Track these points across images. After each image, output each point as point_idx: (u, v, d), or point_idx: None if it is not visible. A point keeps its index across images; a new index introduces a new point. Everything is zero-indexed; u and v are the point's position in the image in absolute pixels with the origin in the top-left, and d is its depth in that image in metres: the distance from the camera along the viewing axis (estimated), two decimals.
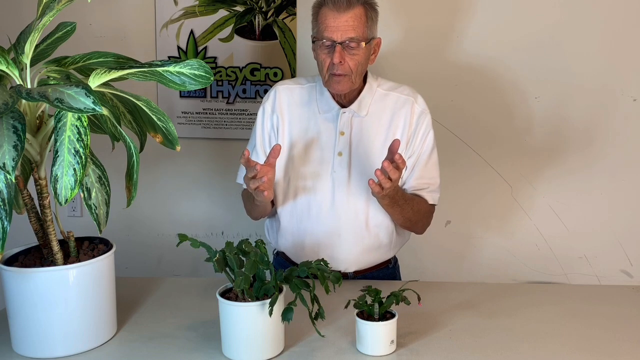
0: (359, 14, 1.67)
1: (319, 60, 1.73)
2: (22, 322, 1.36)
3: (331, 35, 1.67)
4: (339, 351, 1.39)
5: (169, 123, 1.43)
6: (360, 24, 1.68)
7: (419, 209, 1.81)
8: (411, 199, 1.78)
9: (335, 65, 1.67)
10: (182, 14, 2.44)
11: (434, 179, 1.83)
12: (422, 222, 1.86)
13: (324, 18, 1.68)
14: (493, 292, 1.75)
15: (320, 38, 1.69)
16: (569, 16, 2.33)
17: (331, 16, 1.67)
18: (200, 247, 1.38)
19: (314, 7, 1.75)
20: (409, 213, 1.78)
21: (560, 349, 1.41)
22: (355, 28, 1.67)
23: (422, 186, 1.82)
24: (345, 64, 1.68)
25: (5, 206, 1.16)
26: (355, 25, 1.67)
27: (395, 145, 1.58)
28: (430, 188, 1.82)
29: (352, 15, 1.66)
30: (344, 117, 1.78)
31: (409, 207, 1.77)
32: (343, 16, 1.66)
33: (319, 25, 1.70)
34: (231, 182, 1.97)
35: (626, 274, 2.48)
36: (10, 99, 1.15)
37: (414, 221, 1.83)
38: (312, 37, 1.76)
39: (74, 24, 1.52)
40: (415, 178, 1.81)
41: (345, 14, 1.66)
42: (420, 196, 1.82)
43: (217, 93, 2.49)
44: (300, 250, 1.83)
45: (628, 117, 2.38)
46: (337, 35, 1.66)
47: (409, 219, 1.80)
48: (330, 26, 1.67)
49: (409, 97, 1.80)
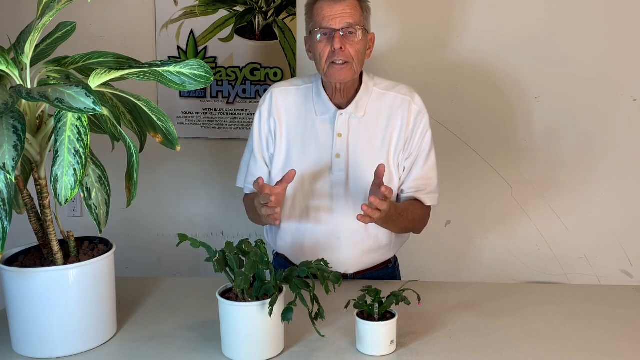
0: (354, 4, 1.71)
1: (317, 53, 1.72)
2: (22, 322, 1.35)
3: (329, 24, 1.68)
4: (339, 351, 1.39)
5: (169, 123, 1.43)
6: (357, 12, 1.71)
7: (414, 217, 1.80)
8: (405, 210, 1.76)
9: (337, 52, 1.67)
10: (182, 14, 2.44)
11: (432, 179, 1.82)
12: (419, 226, 1.86)
13: (320, 10, 1.70)
14: (493, 292, 1.75)
15: (318, 28, 1.70)
16: (569, 16, 2.33)
17: (327, 6, 1.69)
18: (200, 247, 1.38)
19: (307, 4, 1.77)
20: (404, 223, 1.78)
21: (560, 349, 1.41)
22: (352, 15, 1.69)
23: (420, 187, 1.80)
24: (347, 51, 1.69)
25: (5, 206, 1.16)
26: (352, 12, 1.69)
27: (381, 171, 1.57)
28: (428, 189, 1.81)
29: (347, 4, 1.69)
30: (341, 119, 1.77)
31: (404, 219, 1.76)
32: (339, 5, 1.69)
33: (315, 18, 1.72)
34: (231, 182, 1.98)
35: (626, 274, 2.48)
36: (10, 99, 1.15)
37: (410, 228, 1.84)
38: (307, 33, 1.76)
39: (74, 24, 1.52)
40: (412, 179, 1.80)
41: (342, 3, 1.69)
42: (416, 199, 1.81)
43: (217, 93, 2.49)
44: (300, 252, 1.83)
45: (628, 117, 2.38)
46: (335, 22, 1.68)
47: (404, 228, 1.82)
48: (328, 15, 1.69)
49: (406, 96, 1.80)
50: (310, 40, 1.76)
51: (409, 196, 1.81)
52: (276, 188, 1.62)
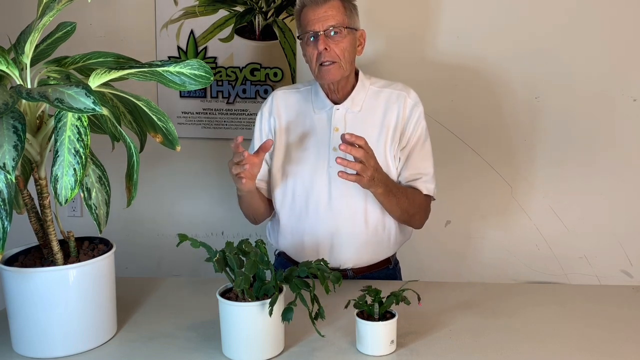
0: (336, 5, 1.76)
1: (307, 57, 1.79)
2: (22, 322, 1.36)
3: (313, 28, 1.74)
4: (339, 351, 1.39)
5: (169, 123, 1.43)
6: (339, 12, 1.75)
7: (414, 199, 1.81)
8: (405, 189, 1.80)
9: (322, 53, 1.73)
10: (182, 14, 2.44)
11: (427, 169, 1.84)
12: (420, 214, 1.86)
13: (305, 15, 1.77)
14: (493, 292, 1.75)
15: (304, 32, 1.76)
16: (568, 16, 2.33)
17: (311, 11, 1.75)
18: (200, 247, 1.38)
19: (295, 12, 1.83)
20: (405, 203, 1.78)
21: (560, 349, 1.41)
22: (335, 16, 1.74)
23: (416, 177, 1.83)
24: (331, 51, 1.73)
25: (5, 206, 1.16)
26: (334, 14, 1.74)
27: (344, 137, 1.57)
28: (424, 178, 1.83)
29: (329, 6, 1.74)
30: (338, 113, 1.81)
31: (404, 197, 1.77)
32: (321, 8, 1.74)
33: (302, 23, 1.78)
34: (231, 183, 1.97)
35: (626, 274, 2.48)
36: (10, 99, 1.15)
37: (411, 213, 1.83)
38: (298, 38, 1.82)
39: (74, 24, 1.52)
40: (408, 169, 1.83)
41: (323, 6, 1.74)
42: (414, 187, 1.82)
43: (217, 93, 2.49)
44: (300, 248, 1.85)
45: (628, 117, 2.38)
46: (318, 25, 1.74)
47: (405, 211, 1.80)
48: (311, 20, 1.74)
49: (402, 91, 1.84)
50: (302, 45, 1.82)
51: (406, 185, 1.83)
52: (252, 157, 1.66)
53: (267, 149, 1.68)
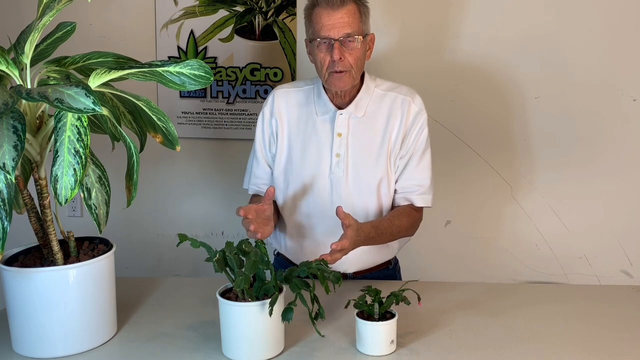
0: (352, 10, 1.68)
1: (317, 61, 1.73)
2: (22, 322, 1.35)
3: (328, 34, 1.67)
4: (339, 351, 1.39)
5: (169, 123, 1.43)
6: (355, 19, 1.69)
7: (399, 229, 1.76)
8: (389, 227, 1.72)
9: (336, 62, 1.67)
10: (182, 14, 2.44)
11: (425, 180, 1.80)
12: (409, 231, 1.82)
13: (319, 18, 1.68)
14: (493, 292, 1.75)
15: (317, 37, 1.69)
16: (568, 16, 2.33)
17: (325, 14, 1.67)
18: (200, 247, 1.38)
19: (306, 9, 1.75)
20: (388, 238, 1.75)
21: (560, 349, 1.41)
22: (351, 24, 1.67)
23: (412, 188, 1.79)
24: (345, 60, 1.68)
25: (5, 206, 1.16)
26: (350, 21, 1.67)
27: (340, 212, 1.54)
28: (420, 190, 1.80)
29: (346, 12, 1.67)
30: (341, 119, 1.78)
31: (387, 236, 1.72)
32: (337, 13, 1.66)
33: (314, 26, 1.70)
34: (231, 183, 1.98)
35: (626, 274, 2.48)
36: (10, 99, 1.15)
37: (400, 237, 1.81)
38: (307, 39, 1.76)
39: (74, 24, 1.52)
40: (405, 179, 1.80)
41: (340, 10, 1.67)
42: (408, 200, 1.79)
43: (217, 93, 2.49)
44: (300, 252, 1.84)
45: (628, 117, 2.38)
46: (334, 32, 1.67)
47: (392, 239, 1.78)
48: (326, 24, 1.67)
49: (407, 97, 1.80)
50: (310, 45, 1.76)
51: (401, 197, 1.81)
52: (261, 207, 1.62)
53: (270, 198, 1.62)
